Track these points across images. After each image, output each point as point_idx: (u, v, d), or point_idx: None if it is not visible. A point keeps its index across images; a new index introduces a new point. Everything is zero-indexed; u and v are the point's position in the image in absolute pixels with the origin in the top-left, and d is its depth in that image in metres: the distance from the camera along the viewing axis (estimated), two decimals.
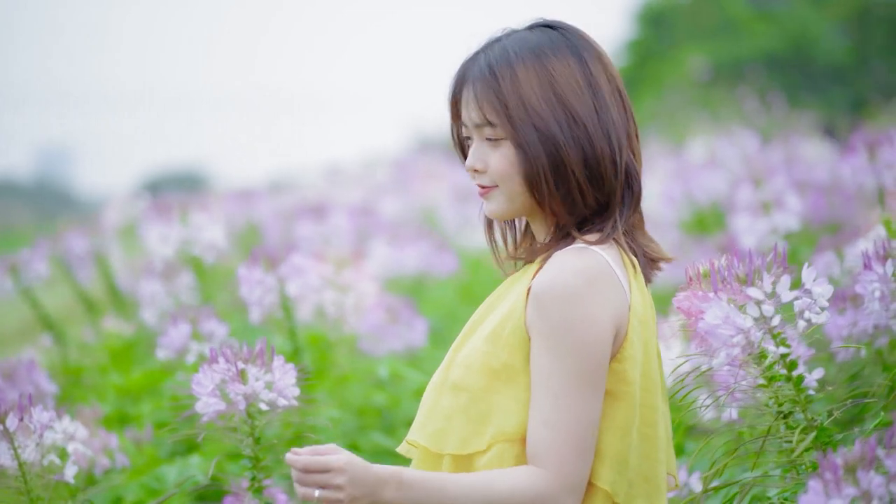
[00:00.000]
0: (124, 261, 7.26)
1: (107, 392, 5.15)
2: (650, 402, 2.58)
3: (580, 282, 2.49)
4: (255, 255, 4.30)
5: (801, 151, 8.04)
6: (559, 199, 2.56)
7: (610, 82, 2.59)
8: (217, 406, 3.12)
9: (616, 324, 2.52)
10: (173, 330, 4.25)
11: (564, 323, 2.48)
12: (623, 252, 2.59)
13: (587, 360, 2.48)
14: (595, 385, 2.49)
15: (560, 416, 2.48)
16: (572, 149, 2.54)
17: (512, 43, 2.61)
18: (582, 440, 2.49)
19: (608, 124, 2.56)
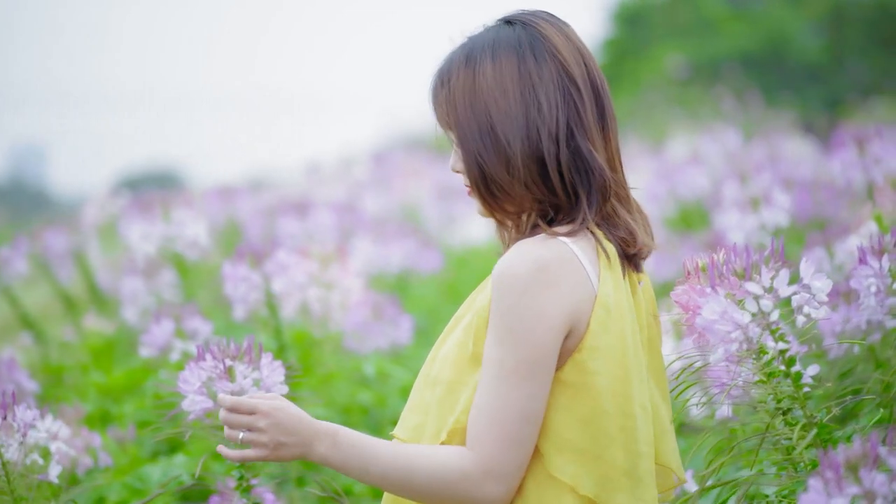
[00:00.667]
0: (104, 259, 7.18)
1: (88, 391, 5.09)
2: (625, 391, 2.54)
3: (529, 271, 2.49)
4: (240, 252, 4.25)
5: (783, 149, 8.02)
6: (500, 202, 2.60)
7: (560, 75, 2.60)
8: (204, 404, 3.07)
9: (571, 315, 2.51)
10: (156, 328, 4.19)
11: (508, 311, 2.49)
12: (598, 242, 2.57)
13: (526, 350, 2.48)
14: (534, 376, 2.49)
15: (492, 404, 2.49)
16: (489, 155, 2.57)
17: (464, 46, 2.67)
18: (511, 430, 2.48)
19: (538, 122, 2.56)
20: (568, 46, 2.63)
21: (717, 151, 7.32)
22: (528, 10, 2.70)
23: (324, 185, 11.01)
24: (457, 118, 2.61)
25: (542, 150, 2.56)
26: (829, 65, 22.92)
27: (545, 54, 2.60)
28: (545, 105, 2.57)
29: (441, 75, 2.67)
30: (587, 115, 2.60)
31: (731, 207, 4.81)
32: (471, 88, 2.61)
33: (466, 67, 2.63)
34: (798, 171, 6.97)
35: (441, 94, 2.66)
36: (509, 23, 2.67)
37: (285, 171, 18.52)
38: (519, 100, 2.58)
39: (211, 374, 3.09)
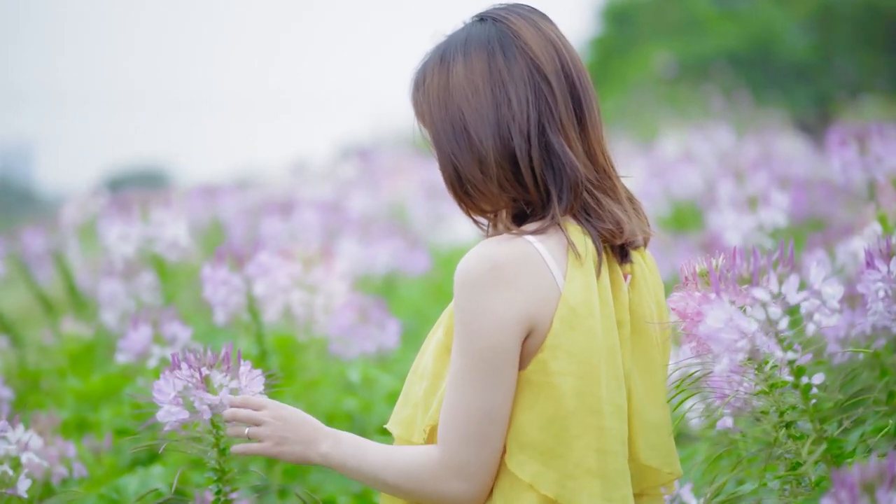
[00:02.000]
0: (84, 259, 7.03)
1: (65, 397, 4.93)
2: (592, 391, 2.52)
3: (483, 270, 2.49)
4: (220, 254, 4.09)
5: (775, 147, 7.89)
6: (475, 201, 2.61)
7: (531, 71, 2.59)
8: (180, 415, 2.93)
9: (530, 314, 2.49)
10: (133, 333, 4.03)
11: (461, 310, 2.50)
12: (568, 240, 2.54)
13: (479, 349, 2.48)
14: (491, 375, 2.49)
15: (453, 402, 2.51)
16: (462, 154, 2.58)
17: (438, 46, 2.68)
18: (472, 429, 2.49)
19: (508, 120, 2.56)
20: (539, 40, 2.61)
21: (710, 150, 7.18)
22: (504, 5, 2.69)
23: (310, 184, 10.88)
24: (431, 118, 2.63)
25: (514, 148, 2.56)
26: (817, 64, 22.89)
27: (514, 50, 2.60)
28: (515, 102, 2.57)
29: (417, 76, 2.69)
30: (559, 109, 2.59)
31: (726, 207, 4.68)
32: (444, 88, 2.62)
33: (440, 67, 2.64)
34: (792, 170, 6.85)
35: (418, 95, 2.67)
36: (482, 20, 2.67)
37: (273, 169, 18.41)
38: (490, 98, 2.58)
39: (187, 384, 2.96)
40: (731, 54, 22.18)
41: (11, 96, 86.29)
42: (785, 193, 4.76)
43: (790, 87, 22.13)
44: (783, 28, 23.12)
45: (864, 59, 22.92)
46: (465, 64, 2.60)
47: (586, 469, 2.51)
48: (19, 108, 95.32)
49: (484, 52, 2.60)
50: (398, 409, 2.68)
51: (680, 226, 6.77)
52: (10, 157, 51.54)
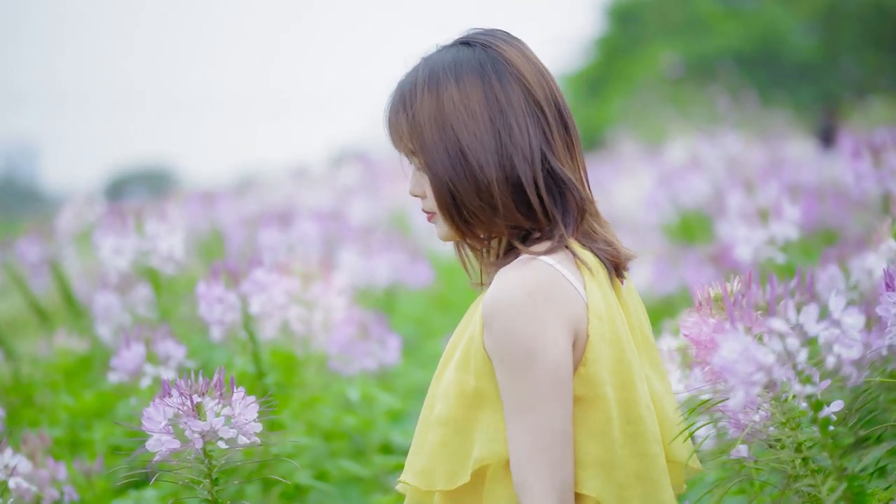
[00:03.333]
0: (81, 268, 6.90)
1: (58, 413, 4.80)
2: (629, 397, 2.53)
3: (522, 295, 2.46)
4: (215, 271, 3.96)
5: (783, 151, 7.76)
6: (472, 228, 2.60)
7: (527, 99, 2.59)
8: (171, 444, 2.82)
9: (572, 328, 2.49)
10: (126, 351, 3.90)
11: (512, 341, 2.46)
12: (576, 256, 2.56)
13: (541, 372, 2.44)
14: (557, 395, 2.45)
15: (525, 440, 2.45)
16: (461, 181, 2.56)
17: (424, 68, 2.64)
18: (553, 453, 2.45)
19: (510, 148, 2.55)
20: (530, 68, 2.62)
21: (717, 156, 7.03)
22: (484, 30, 2.68)
23: (310, 189, 10.73)
24: (423, 143, 2.59)
25: (519, 175, 2.55)
26: (823, 63, 22.81)
27: (509, 77, 2.60)
28: (516, 130, 2.56)
29: (403, 99, 2.64)
30: (555, 136, 2.60)
31: (737, 220, 4.55)
32: (437, 112, 2.58)
33: (429, 91, 2.61)
34: (802, 176, 6.72)
35: (402, 118, 2.63)
36: (468, 44, 2.65)
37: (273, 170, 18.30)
38: (489, 125, 2.56)
39: (178, 411, 2.84)
40: (736, 54, 22.12)
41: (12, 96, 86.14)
42: (796, 204, 4.63)
43: (795, 86, 22.06)
44: (788, 27, 23.04)
45: (869, 59, 22.84)
46: (459, 88, 2.58)
47: (635, 475, 2.52)
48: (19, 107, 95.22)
49: (478, 78, 2.59)
50: (412, 459, 2.61)
51: (688, 236, 6.64)
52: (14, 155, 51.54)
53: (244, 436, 2.83)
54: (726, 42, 22.63)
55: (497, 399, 2.51)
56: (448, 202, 2.58)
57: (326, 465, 4.27)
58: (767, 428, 2.58)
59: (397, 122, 2.64)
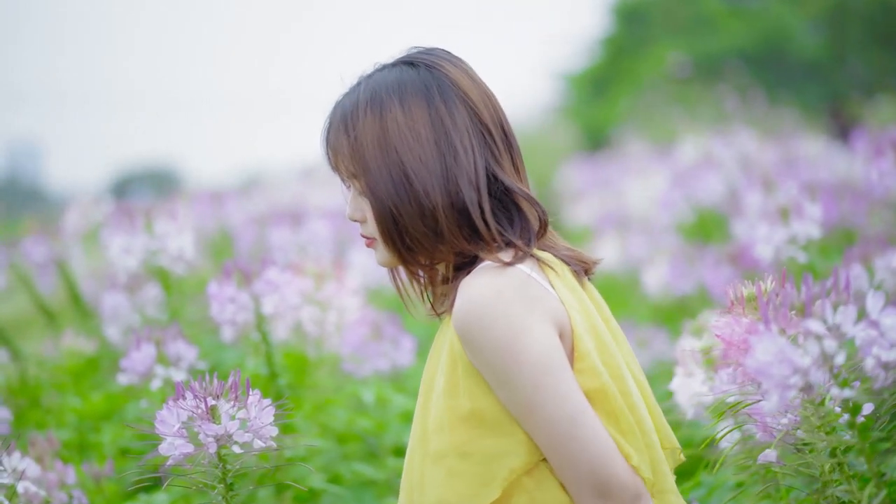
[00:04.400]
0: (87, 268, 6.82)
1: (66, 415, 4.72)
2: (623, 388, 2.48)
3: (489, 299, 2.41)
4: (227, 270, 3.87)
5: (798, 150, 7.67)
6: (414, 254, 2.55)
7: (473, 120, 2.54)
8: (184, 448, 2.74)
9: (553, 321, 2.44)
10: (136, 352, 3.81)
11: (494, 347, 2.40)
12: (538, 259, 2.52)
13: (532, 368, 2.39)
14: (557, 382, 2.39)
15: (546, 434, 2.40)
16: (405, 206, 2.50)
17: (366, 88, 2.58)
18: (579, 437, 2.39)
19: (455, 171, 2.50)
20: (476, 89, 2.58)
21: (731, 154, 6.94)
22: (427, 50, 2.63)
23: (319, 188, 10.64)
24: (365, 166, 2.53)
25: (464, 199, 2.50)
26: (830, 62, 22.70)
27: (455, 98, 2.54)
28: (461, 152, 2.51)
29: (343, 120, 2.58)
30: (503, 156, 2.56)
31: (757, 219, 4.47)
32: (380, 135, 2.52)
33: (372, 112, 2.54)
34: (818, 175, 6.63)
35: (343, 140, 2.56)
36: (411, 64, 2.59)
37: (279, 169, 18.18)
38: (434, 148, 2.51)
39: (192, 414, 2.76)
40: (742, 53, 22.01)
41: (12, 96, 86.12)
42: (813, 201, 4.55)
43: (802, 86, 21.96)
44: (794, 26, 22.94)
45: (876, 58, 22.72)
46: (404, 110, 2.52)
47: (646, 444, 2.47)
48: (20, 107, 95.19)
49: (423, 99, 2.53)
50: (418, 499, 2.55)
51: (704, 235, 6.56)
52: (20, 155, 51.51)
53: (260, 440, 2.75)
54: (732, 41, 22.52)
55: (494, 415, 2.45)
56: (390, 228, 2.52)
57: (340, 468, 4.18)
58: (796, 431, 2.52)
59: (338, 143, 2.57)
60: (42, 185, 47.01)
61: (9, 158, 51.02)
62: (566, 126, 22.90)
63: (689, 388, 3.27)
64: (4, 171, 49.84)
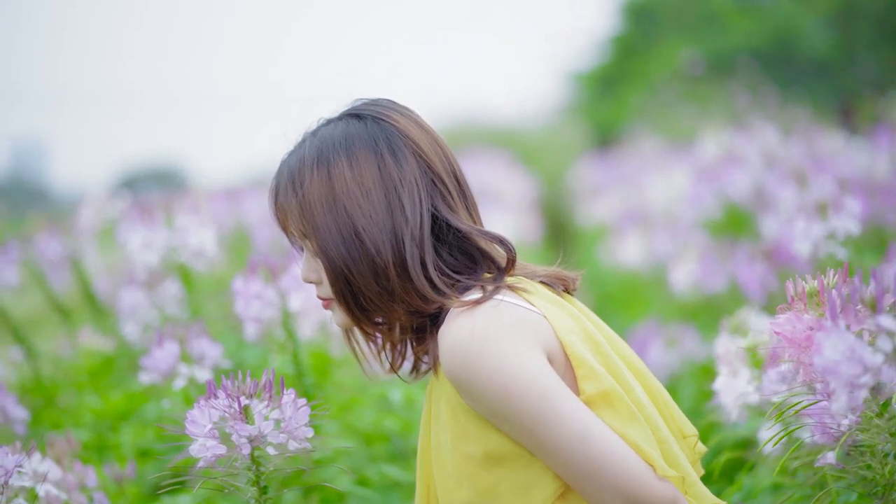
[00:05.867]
0: (101, 265, 6.70)
1: (83, 415, 4.60)
2: (625, 386, 2.42)
3: (467, 342, 2.34)
4: (253, 266, 3.75)
5: (822, 147, 7.55)
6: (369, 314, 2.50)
7: (423, 171, 2.49)
8: (216, 450, 2.62)
9: (538, 340, 2.37)
10: (158, 350, 3.68)
11: (488, 389, 2.33)
12: (509, 286, 2.46)
13: (527, 400, 2.31)
14: (555, 405, 2.31)
15: (563, 462, 2.33)
16: (357, 265, 2.45)
17: (311, 145, 2.52)
18: (596, 456, 2.30)
19: (402, 226, 2.44)
20: (425, 138, 2.53)
21: (755, 150, 6.82)
22: (373, 101, 2.58)
23: None
24: (314, 226, 2.47)
25: (406, 257, 2.44)
26: (839, 61, 22.62)
27: (405, 150, 2.49)
28: (409, 206, 2.45)
29: (291, 178, 2.51)
30: (456, 201, 2.51)
31: (789, 214, 4.36)
32: (328, 192, 2.46)
33: (318, 169, 2.48)
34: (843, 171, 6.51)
35: (291, 200, 2.49)
36: (358, 117, 2.54)
37: None
38: (384, 203, 2.45)
39: (224, 414, 2.65)
40: (752, 51, 21.94)
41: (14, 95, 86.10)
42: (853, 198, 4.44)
43: (811, 84, 21.89)
44: (804, 24, 22.87)
45: (887, 56, 22.63)
46: (352, 165, 2.46)
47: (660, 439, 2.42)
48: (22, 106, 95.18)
49: (371, 153, 2.47)
50: None
51: (733, 232, 6.44)
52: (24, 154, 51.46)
53: (295, 441, 2.64)
54: (742, 39, 22.45)
55: (510, 451, 2.38)
56: (344, 288, 2.47)
57: (366, 469, 4.07)
58: (856, 434, 2.41)
59: (286, 203, 2.51)
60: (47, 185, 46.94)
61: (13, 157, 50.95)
62: (574, 124, 22.86)
63: (734, 388, 3.16)
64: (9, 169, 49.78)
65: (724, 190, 6.43)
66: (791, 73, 22.02)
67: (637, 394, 2.43)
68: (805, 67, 22.43)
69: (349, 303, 2.49)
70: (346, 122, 2.53)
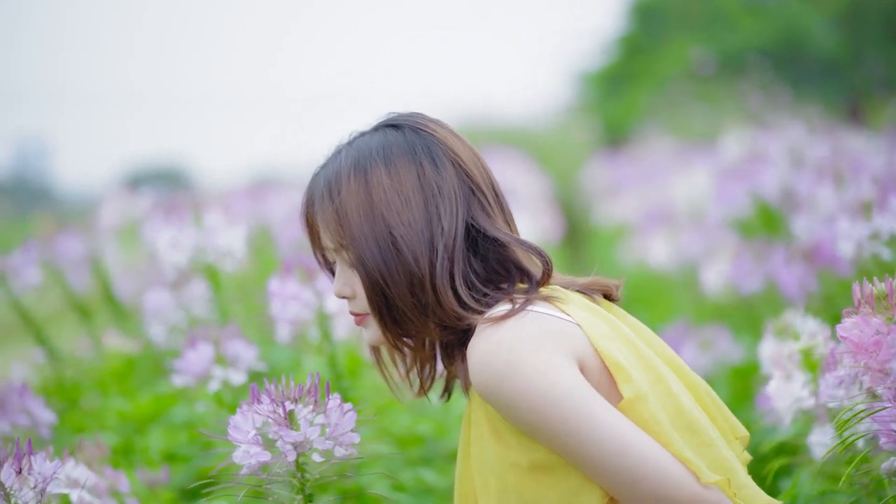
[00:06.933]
0: (122, 264, 6.61)
1: (107, 418, 4.52)
2: (663, 389, 2.36)
3: (494, 357, 2.30)
4: (288, 266, 3.67)
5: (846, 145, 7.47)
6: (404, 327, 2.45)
7: (462, 180, 2.45)
8: (261, 456, 2.54)
9: (569, 348, 2.32)
10: (192, 353, 3.58)
11: (519, 401, 2.28)
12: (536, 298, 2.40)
13: (567, 407, 2.26)
14: (598, 415, 2.26)
15: (601, 472, 2.27)
16: (394, 276, 2.40)
17: (347, 154, 2.47)
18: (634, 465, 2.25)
19: (438, 234, 2.40)
20: (463, 148, 2.49)
21: (783, 149, 6.73)
22: (409, 113, 2.54)
23: None
24: (351, 235, 2.42)
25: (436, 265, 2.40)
26: (847, 60, 22.58)
27: (444, 159, 2.45)
28: (446, 216, 2.41)
29: (328, 187, 2.46)
30: (494, 212, 2.47)
31: (835, 213, 4.27)
32: (366, 200, 2.41)
33: (356, 177, 2.43)
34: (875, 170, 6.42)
35: (328, 208, 2.44)
36: (395, 126, 2.50)
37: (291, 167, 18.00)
38: (423, 211, 2.41)
39: (267, 420, 2.57)
40: (759, 50, 21.90)
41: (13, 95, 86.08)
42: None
43: (819, 83, 21.86)
44: (811, 24, 22.85)
45: (894, 56, 22.58)
46: (390, 173, 2.42)
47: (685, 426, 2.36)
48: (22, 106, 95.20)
49: (410, 161, 2.43)
50: None
51: (763, 231, 6.34)
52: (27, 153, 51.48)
53: (341, 447, 2.57)
54: (749, 39, 22.42)
55: (554, 460, 2.33)
56: (379, 300, 2.42)
57: (401, 473, 3.99)
58: None
59: (322, 212, 2.46)
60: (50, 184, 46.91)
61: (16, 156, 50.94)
62: (582, 124, 22.82)
63: (788, 392, 3.07)
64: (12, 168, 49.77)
65: (754, 189, 6.33)
66: (799, 72, 22.00)
67: (679, 397, 2.38)
68: (813, 67, 22.41)
69: (383, 315, 2.44)
70: (382, 132, 2.50)
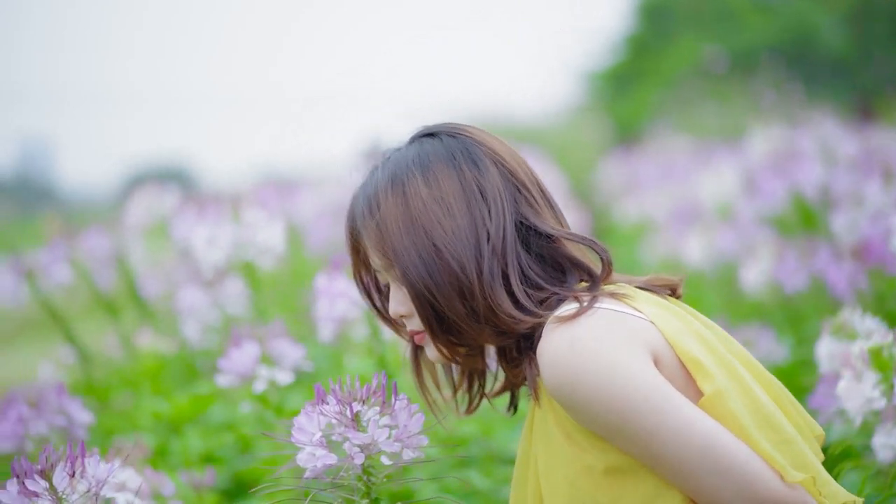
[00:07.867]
0: (148, 262, 6.52)
1: (140, 418, 4.42)
2: (740, 386, 2.26)
3: (567, 356, 2.20)
4: (335, 264, 3.57)
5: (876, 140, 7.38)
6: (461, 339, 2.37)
7: (506, 181, 2.36)
8: (327, 459, 2.45)
9: (644, 343, 2.22)
10: (237, 351, 3.47)
11: (594, 402, 2.19)
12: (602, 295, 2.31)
13: (646, 407, 2.17)
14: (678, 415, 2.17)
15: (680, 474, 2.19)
16: (440, 287, 2.31)
17: (384, 170, 2.40)
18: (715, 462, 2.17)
19: (485, 238, 2.31)
20: (504, 148, 2.42)
21: (817, 145, 6.65)
22: (442, 123, 2.46)
23: None
24: (394, 250, 2.34)
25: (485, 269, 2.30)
26: (855, 59, 22.54)
27: (485, 160, 2.37)
28: (492, 218, 2.33)
29: (368, 204, 2.39)
30: (542, 208, 2.39)
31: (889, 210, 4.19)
32: (404, 213, 2.33)
33: (393, 190, 2.36)
34: None
35: (370, 226, 2.37)
36: (430, 135, 2.43)
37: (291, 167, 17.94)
38: (467, 216, 2.33)
39: (332, 421, 2.48)
40: (768, 49, 21.86)
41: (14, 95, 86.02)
42: None
43: (827, 82, 21.83)
44: (820, 22, 22.82)
45: None
46: (428, 182, 2.34)
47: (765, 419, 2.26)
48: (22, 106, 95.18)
49: (449, 167, 2.36)
50: None
51: (804, 228, 6.25)
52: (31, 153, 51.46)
53: (409, 449, 2.48)
54: (758, 37, 22.37)
55: (631, 462, 2.25)
56: (430, 314, 2.34)
57: (447, 476, 3.89)
58: None
59: (367, 232, 2.38)
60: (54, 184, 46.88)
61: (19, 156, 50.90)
62: (592, 122, 22.77)
63: (859, 393, 2.97)
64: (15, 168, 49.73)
65: (792, 186, 6.24)
66: (808, 71, 21.95)
67: (756, 392, 2.29)
68: (822, 65, 22.38)
69: (434, 328, 2.36)
70: (418, 142, 2.43)
